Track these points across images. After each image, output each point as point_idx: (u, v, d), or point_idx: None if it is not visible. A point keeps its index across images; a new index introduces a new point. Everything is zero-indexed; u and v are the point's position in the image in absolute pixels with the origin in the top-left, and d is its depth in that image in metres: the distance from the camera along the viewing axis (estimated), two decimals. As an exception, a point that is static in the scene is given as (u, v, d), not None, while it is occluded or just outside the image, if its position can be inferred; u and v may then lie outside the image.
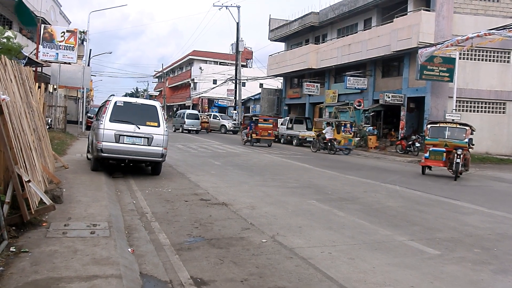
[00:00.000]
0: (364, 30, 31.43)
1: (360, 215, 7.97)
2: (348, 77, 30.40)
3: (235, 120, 43.32)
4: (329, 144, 23.05)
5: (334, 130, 23.71)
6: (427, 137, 15.46)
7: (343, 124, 24.50)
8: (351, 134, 24.53)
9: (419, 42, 24.23)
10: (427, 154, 15.18)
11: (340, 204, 8.95)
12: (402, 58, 27.60)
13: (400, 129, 27.39)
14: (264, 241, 6.00)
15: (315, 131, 26.24)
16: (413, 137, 24.01)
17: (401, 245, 6.17)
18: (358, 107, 29.55)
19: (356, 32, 32.19)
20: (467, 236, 6.91)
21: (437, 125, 15.69)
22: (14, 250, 4.68)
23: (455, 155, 14.28)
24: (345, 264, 5.22)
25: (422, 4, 26.71)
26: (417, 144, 22.97)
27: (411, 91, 26.76)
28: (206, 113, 46.43)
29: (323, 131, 24.12)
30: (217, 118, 43.46)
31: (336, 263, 5.24)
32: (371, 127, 27.34)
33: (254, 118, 27.13)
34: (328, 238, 6.31)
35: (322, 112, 36.27)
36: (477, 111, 25.84)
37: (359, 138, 27.26)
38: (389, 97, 26.69)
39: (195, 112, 43.13)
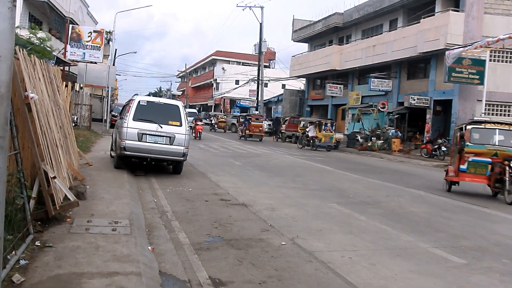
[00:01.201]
0: (390, 31, 31.04)
1: (382, 219, 7.85)
2: (372, 79, 30.07)
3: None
4: (311, 141, 25.54)
5: (316, 129, 25.79)
6: (468, 143, 11.30)
7: (323, 123, 26.38)
8: (332, 132, 26.35)
9: (447, 43, 23.74)
10: (463, 166, 11.32)
11: (362, 208, 8.84)
12: (428, 60, 27.12)
13: (425, 133, 26.91)
14: (283, 243, 5.97)
15: (300, 130, 28.67)
16: (439, 141, 23.50)
17: (425, 252, 6.03)
18: (382, 110, 29.18)
19: (381, 33, 31.82)
20: (495, 245, 6.71)
21: (481, 126, 11.64)
22: (39, 244, 4.78)
23: (508, 169, 10.38)
24: (365, 270, 5.14)
25: (450, 4, 26.19)
26: (443, 148, 22.49)
27: (438, 93, 26.27)
28: (236, 115, 45.88)
29: (307, 130, 26.56)
30: None
31: (356, 268, 5.16)
32: (394, 130, 26.94)
33: (247, 117, 32.18)
34: (348, 242, 6.23)
35: (345, 114, 35.98)
36: (508, 115, 25.13)
37: (382, 141, 26.92)
38: (414, 100, 26.28)
39: (194, 110, 46.98)
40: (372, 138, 27.52)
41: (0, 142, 2.05)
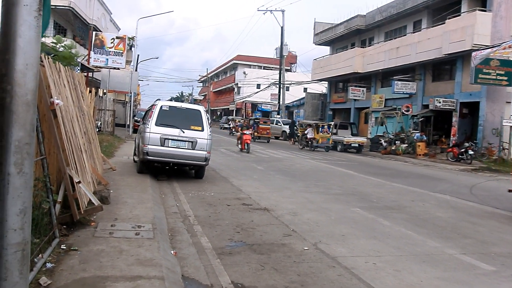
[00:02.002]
0: (414, 32, 30.60)
1: (406, 225, 7.70)
2: (395, 81, 29.66)
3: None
4: (310, 142, 27.32)
5: (314, 131, 27.44)
6: None
7: (321, 126, 28.31)
8: (328, 134, 27.86)
9: (474, 44, 23.24)
10: None
11: (386, 212, 8.70)
12: (454, 61, 26.61)
13: (451, 136, 26.36)
14: (306, 248, 5.92)
15: (300, 131, 30.51)
16: (466, 144, 22.84)
17: (452, 259, 5.89)
18: (406, 113, 28.72)
19: (405, 35, 31.42)
20: (525, 252, 6.50)
21: None
22: (64, 247, 4.86)
23: None
24: (390, 276, 5.04)
25: (477, 4, 25.63)
26: (470, 152, 21.90)
27: (464, 95, 25.73)
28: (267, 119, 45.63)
29: (305, 132, 28.19)
30: (279, 124, 39.93)
31: (381, 275, 5.07)
32: (419, 134, 26.47)
33: (256, 120, 35.33)
34: (372, 248, 6.13)
35: (368, 117, 35.59)
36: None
37: (406, 145, 26.51)
38: (439, 102, 25.79)
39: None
40: (396, 141, 27.12)
41: (26, 148, 2.09)
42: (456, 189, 13.03)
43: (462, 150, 22.53)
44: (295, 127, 35.04)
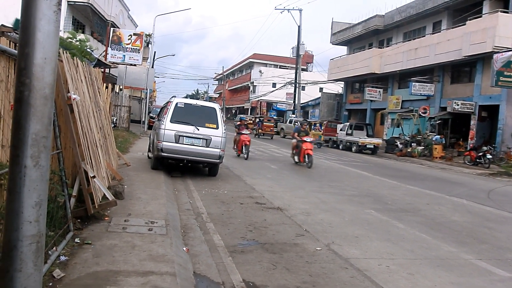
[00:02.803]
0: (433, 33, 30.22)
1: (421, 228, 7.61)
2: (413, 83, 29.33)
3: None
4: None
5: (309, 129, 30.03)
6: None
7: (313, 124, 33.24)
8: (320, 131, 32.19)
9: (495, 46, 22.81)
10: None
11: (400, 215, 8.60)
12: (474, 63, 26.19)
13: (469, 139, 25.95)
14: (318, 249, 5.88)
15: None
16: (484, 148, 22.44)
17: (467, 264, 5.79)
18: (423, 115, 28.39)
19: (424, 36, 31.06)
20: (542, 258, 6.37)
21: None
22: (78, 241, 4.91)
23: None
24: (403, 280, 4.98)
25: (499, 5, 25.11)
26: (489, 156, 21.52)
27: (484, 98, 25.31)
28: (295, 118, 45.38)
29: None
30: (297, 124, 40.06)
31: (394, 278, 5.01)
32: (439, 136, 26.07)
33: (261, 119, 38.84)
34: (386, 251, 6.07)
35: (384, 119, 35.28)
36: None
37: (423, 147, 26.19)
38: (458, 105, 25.41)
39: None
40: (412, 144, 26.82)
41: (43, 141, 2.11)
42: (473, 193, 12.82)
43: (480, 154, 22.16)
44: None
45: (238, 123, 19.18)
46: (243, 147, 16.98)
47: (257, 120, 39.59)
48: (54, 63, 2.12)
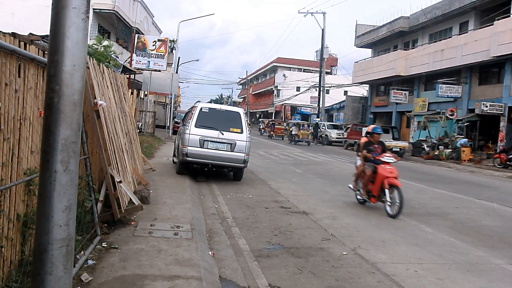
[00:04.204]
0: (460, 34, 29.61)
1: (450, 232, 7.44)
2: (440, 85, 28.78)
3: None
4: (293, 137, 34.85)
5: (298, 129, 35.28)
6: None
7: (301, 124, 36.49)
8: (308, 131, 35.29)
9: (524, 46, 22.26)
10: None
11: (428, 219, 8.44)
12: (503, 64, 25.54)
13: (498, 141, 25.28)
14: (344, 253, 5.82)
15: (288, 129, 38.13)
16: (514, 150, 21.90)
17: (498, 269, 5.64)
18: (450, 117, 27.79)
19: (450, 37, 30.49)
20: None
21: None
22: (105, 245, 4.98)
23: None
24: (432, 285, 4.88)
25: (528, 4, 24.56)
26: (519, 158, 20.96)
27: (513, 100, 24.66)
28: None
29: (290, 129, 36.36)
30: (324, 127, 38.99)
31: (422, 283, 4.91)
32: (466, 139, 25.46)
33: (272, 122, 44.01)
34: (413, 255, 5.96)
35: (410, 122, 34.72)
36: None
37: (450, 150, 25.64)
38: (486, 106, 24.79)
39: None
40: (440, 146, 26.30)
41: (73, 146, 2.15)
42: (504, 196, 12.46)
43: (510, 156, 21.54)
44: (318, 129, 38.61)
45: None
46: (384, 191, 8.59)
47: (270, 123, 45.75)
48: (82, 69, 2.16)
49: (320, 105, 43.55)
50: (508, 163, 21.46)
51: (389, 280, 4.91)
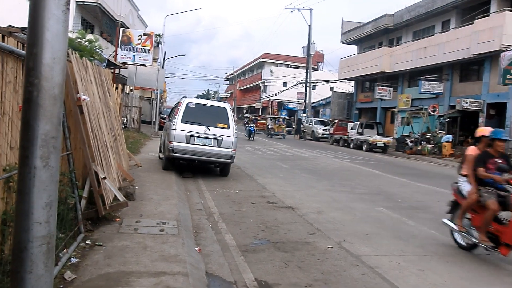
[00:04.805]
0: (442, 32, 30.00)
1: (431, 225, 7.55)
2: (423, 81, 29.15)
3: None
4: (269, 131, 37.40)
5: (274, 123, 38.18)
6: None
7: (276, 119, 39.68)
8: (283, 125, 38.15)
9: (502, 45, 22.67)
10: None
11: (411, 212, 8.55)
12: (482, 62, 26.05)
13: (478, 137, 25.74)
14: (330, 247, 5.86)
15: (265, 124, 40.57)
16: (493, 145, 22.27)
17: (477, 260, 5.80)
18: (432, 113, 28.18)
19: (433, 35, 30.83)
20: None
21: None
22: (89, 243, 4.92)
23: None
24: (414, 276, 4.98)
25: (506, 4, 24.98)
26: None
27: (492, 96, 25.16)
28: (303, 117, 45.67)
29: (267, 123, 39.11)
30: (311, 123, 39.68)
31: (404, 274, 5.00)
32: (451, 136, 25.85)
33: (255, 117, 44.34)
34: (396, 248, 6.05)
35: (394, 117, 35.07)
36: None
37: (432, 145, 25.99)
38: (466, 103, 25.30)
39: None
40: (422, 142, 26.66)
41: (53, 142, 2.10)
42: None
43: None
44: (301, 125, 39.49)
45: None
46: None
47: (253, 118, 46.96)
48: (63, 63, 2.11)
49: (307, 101, 43.71)
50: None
51: (373, 272, 4.97)
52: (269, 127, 37.79)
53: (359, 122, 32.23)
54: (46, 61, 2.02)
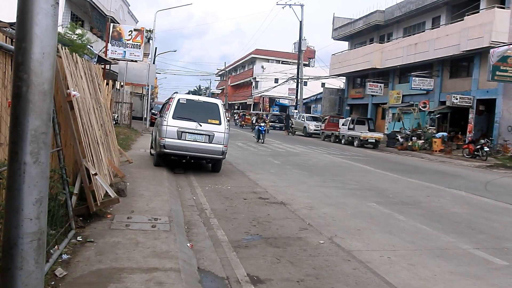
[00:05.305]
0: (432, 28, 30.17)
1: (422, 220, 7.62)
2: (413, 78, 29.32)
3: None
4: (254, 126, 34.39)
5: (259, 119, 35.98)
6: None
7: (261, 116, 36.08)
8: (266, 121, 35.41)
9: (492, 41, 22.90)
10: None
11: (401, 208, 8.61)
12: (472, 58, 26.28)
13: (467, 133, 25.99)
14: (321, 242, 5.89)
15: (250, 120, 42.39)
16: (482, 141, 22.47)
17: (465, 254, 5.84)
18: (423, 109, 28.39)
19: (424, 31, 31.01)
20: (541, 248, 6.38)
21: None
22: (80, 239, 4.90)
23: None
24: (404, 270, 5.02)
25: (496, 1, 25.18)
26: (486, 149, 21.57)
27: (481, 92, 25.40)
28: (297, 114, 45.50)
29: (252, 120, 39.97)
30: (303, 119, 39.51)
31: (395, 268, 5.04)
32: (445, 133, 26.08)
33: (243, 113, 49.15)
34: (387, 242, 6.10)
35: (385, 113, 35.23)
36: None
37: (423, 141, 26.19)
38: (456, 99, 25.51)
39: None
40: (413, 137, 26.85)
41: (43, 137, 2.09)
42: (472, 185, 12.81)
43: (478, 146, 22.17)
44: (290, 120, 39.42)
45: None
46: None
47: (241, 114, 51.24)
48: (52, 58, 2.09)
49: (298, 97, 43.74)
50: (476, 153, 22.10)
51: (364, 267, 5.01)
52: (254, 122, 38.62)
53: (350, 118, 32.36)
54: (35, 56, 2.01)
